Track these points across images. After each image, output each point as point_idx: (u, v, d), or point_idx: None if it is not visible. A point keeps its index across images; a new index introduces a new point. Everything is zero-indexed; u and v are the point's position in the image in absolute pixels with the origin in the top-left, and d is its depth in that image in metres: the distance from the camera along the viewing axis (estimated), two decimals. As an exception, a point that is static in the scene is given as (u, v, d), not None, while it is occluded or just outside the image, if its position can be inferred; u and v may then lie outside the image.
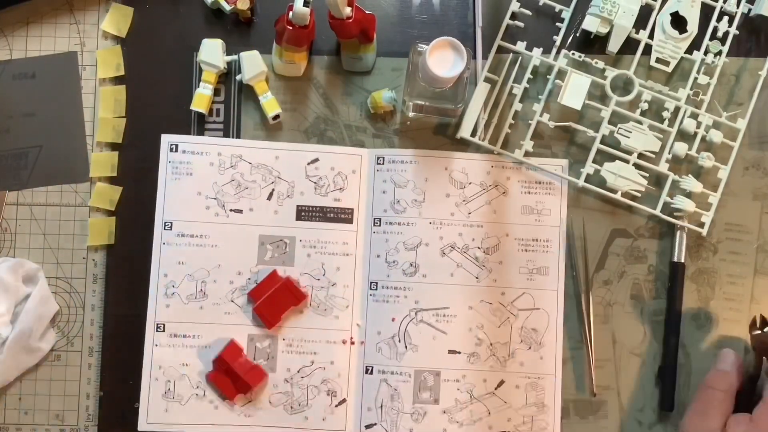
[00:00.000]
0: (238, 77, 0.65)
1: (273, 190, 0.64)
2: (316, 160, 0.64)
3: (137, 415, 0.62)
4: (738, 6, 0.65)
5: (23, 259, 0.64)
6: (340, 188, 0.64)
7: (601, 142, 0.64)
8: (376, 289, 0.64)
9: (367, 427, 0.62)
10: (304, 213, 0.64)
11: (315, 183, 0.64)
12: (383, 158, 0.65)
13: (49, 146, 0.65)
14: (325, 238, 0.64)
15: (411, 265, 0.64)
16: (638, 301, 0.64)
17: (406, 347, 0.63)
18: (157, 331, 0.63)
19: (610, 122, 0.64)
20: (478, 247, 0.64)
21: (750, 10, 0.65)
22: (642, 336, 0.64)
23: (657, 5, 0.65)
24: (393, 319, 0.63)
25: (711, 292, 0.64)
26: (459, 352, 0.63)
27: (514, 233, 0.64)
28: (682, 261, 0.64)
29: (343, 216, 0.64)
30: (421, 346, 0.63)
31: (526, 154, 0.64)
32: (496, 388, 0.63)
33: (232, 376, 0.61)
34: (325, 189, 0.64)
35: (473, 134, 0.64)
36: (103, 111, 0.65)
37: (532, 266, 0.64)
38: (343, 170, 0.65)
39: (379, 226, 0.64)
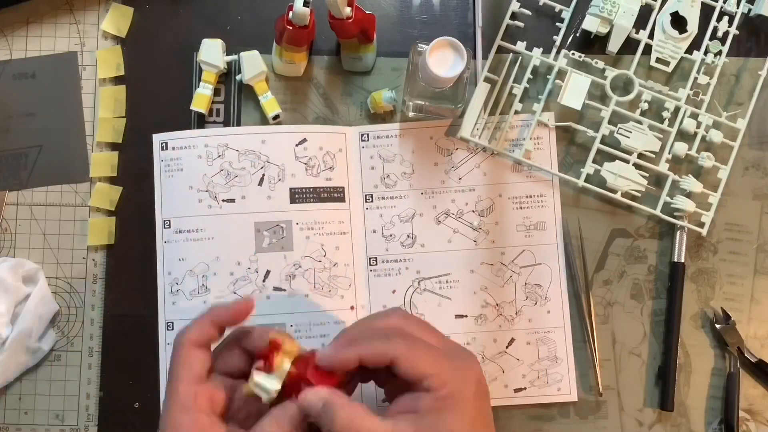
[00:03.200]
0: (238, 77, 0.65)
1: (263, 175, 0.63)
2: (304, 140, 0.64)
3: (137, 415, 0.62)
4: (738, 6, 0.65)
5: (23, 259, 0.64)
6: (330, 167, 0.64)
7: (601, 142, 0.64)
8: (376, 264, 0.64)
9: (384, 401, 0.62)
10: (298, 195, 0.63)
11: (305, 164, 0.64)
12: (367, 135, 0.65)
13: (49, 146, 0.65)
14: (321, 218, 0.63)
15: (408, 236, 0.64)
16: (638, 301, 0.64)
17: None
18: (167, 329, 0.63)
19: (610, 122, 0.64)
20: (473, 211, 0.64)
21: (750, 10, 0.65)
22: (642, 336, 0.64)
23: (657, 5, 0.65)
24: (393, 291, 0.63)
25: (711, 292, 0.64)
26: (466, 316, 0.63)
27: (507, 192, 0.64)
28: (682, 261, 0.63)
29: (336, 195, 0.64)
30: (428, 314, 0.63)
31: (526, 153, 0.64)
32: (507, 347, 0.63)
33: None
34: (316, 169, 0.64)
35: (473, 134, 0.64)
36: (103, 111, 0.65)
37: (528, 223, 0.64)
38: (331, 149, 0.64)
39: (372, 201, 0.64)
